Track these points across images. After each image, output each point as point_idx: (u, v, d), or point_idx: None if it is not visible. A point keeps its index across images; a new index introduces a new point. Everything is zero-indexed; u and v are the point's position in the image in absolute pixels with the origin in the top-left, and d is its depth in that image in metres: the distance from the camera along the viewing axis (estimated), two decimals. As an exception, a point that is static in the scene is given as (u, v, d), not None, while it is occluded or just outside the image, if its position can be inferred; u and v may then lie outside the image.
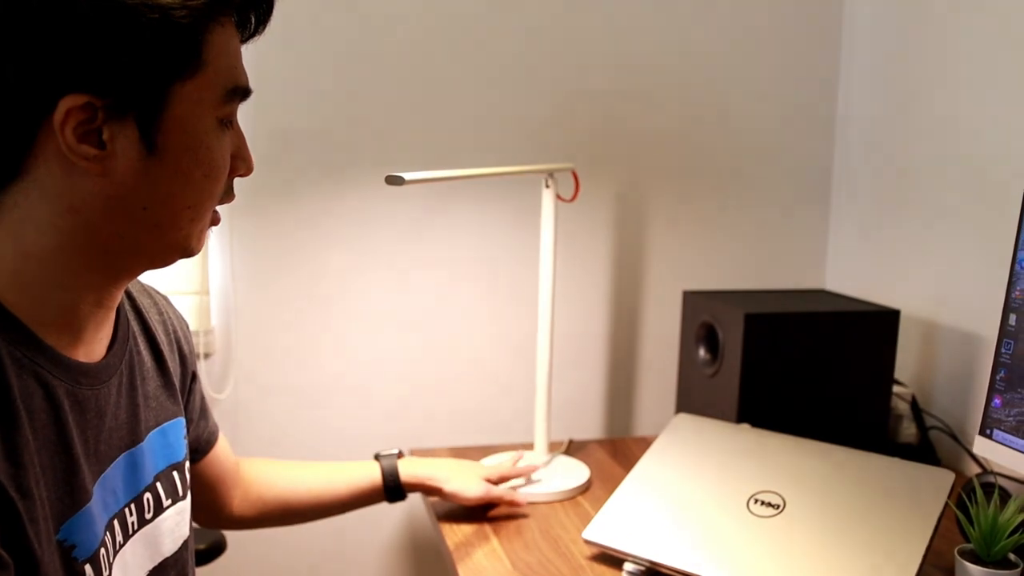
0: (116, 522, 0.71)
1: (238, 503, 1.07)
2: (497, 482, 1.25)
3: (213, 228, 0.73)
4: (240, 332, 1.56)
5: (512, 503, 1.25)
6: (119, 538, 0.72)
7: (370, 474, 1.15)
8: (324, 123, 1.54)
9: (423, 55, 1.56)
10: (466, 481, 1.20)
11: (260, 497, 1.08)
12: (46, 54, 0.59)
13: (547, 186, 1.33)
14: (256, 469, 1.10)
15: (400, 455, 1.19)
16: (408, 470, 1.17)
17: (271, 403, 1.58)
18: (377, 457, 1.18)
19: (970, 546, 0.99)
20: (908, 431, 1.45)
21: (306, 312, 1.58)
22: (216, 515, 1.05)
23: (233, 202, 0.74)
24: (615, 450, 1.54)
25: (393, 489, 1.16)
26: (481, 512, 1.26)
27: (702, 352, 1.43)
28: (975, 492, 1.03)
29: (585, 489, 1.35)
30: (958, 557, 0.98)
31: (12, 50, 0.59)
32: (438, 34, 1.56)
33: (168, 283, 1.43)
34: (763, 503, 1.06)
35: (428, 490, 1.19)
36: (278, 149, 1.52)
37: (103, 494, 0.69)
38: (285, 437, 1.59)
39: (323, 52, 1.52)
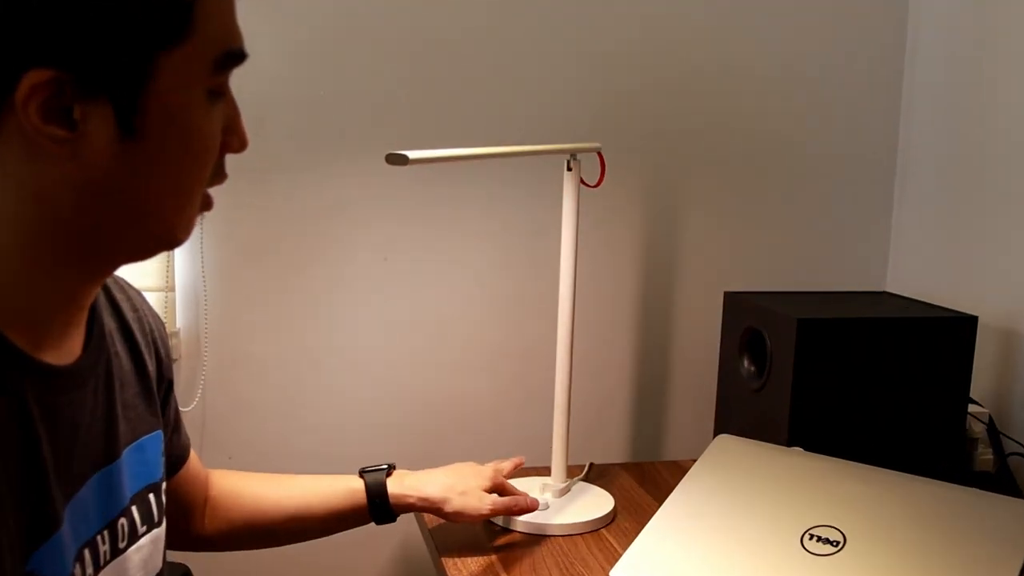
0: (87, 552, 0.72)
1: (207, 522, 1.08)
2: (501, 490, 1.26)
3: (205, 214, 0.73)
4: (210, 335, 1.56)
5: (523, 509, 1.27)
6: (89, 570, 0.72)
7: (351, 491, 1.15)
8: (312, 95, 1.54)
9: (429, 16, 1.56)
10: (467, 499, 1.20)
11: (226, 516, 1.09)
12: (4, 23, 0.58)
13: (569, 169, 1.34)
14: (224, 483, 1.11)
15: (390, 471, 1.19)
16: (398, 488, 1.17)
17: (244, 417, 1.59)
18: (363, 473, 1.18)
19: (1060, 591, 0.99)
20: (984, 457, 1.46)
21: (287, 314, 1.59)
22: (183, 536, 1.06)
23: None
24: (643, 476, 1.55)
25: (380, 508, 1.15)
26: (488, 545, 1.27)
27: (746, 363, 1.44)
28: (1066, 528, 1.03)
29: (609, 521, 1.36)
30: (1046, 603, 0.98)
31: None
32: (443, -9, 1.57)
33: (126, 278, 1.43)
34: (820, 539, 1.07)
35: (424, 511, 1.20)
36: (257, 125, 1.53)
37: (74, 519, 0.69)
38: (259, 457, 1.59)
39: (312, 11, 1.52)
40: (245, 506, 1.10)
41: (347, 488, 1.15)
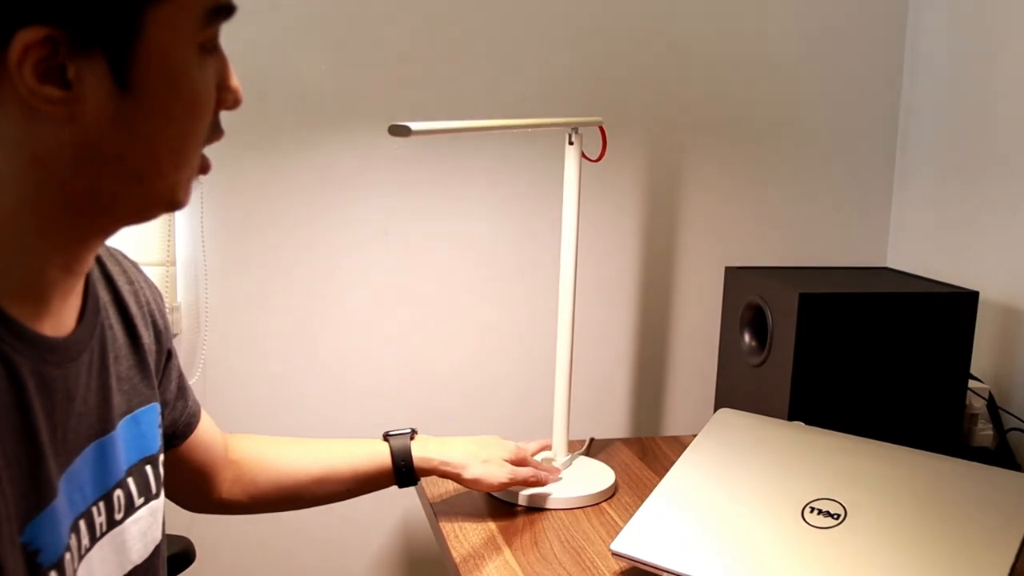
0: (82, 523, 0.72)
1: (228, 486, 1.09)
2: (521, 464, 1.27)
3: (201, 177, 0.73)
4: (210, 310, 1.56)
5: (539, 483, 1.28)
6: (85, 541, 0.72)
7: (377, 455, 1.17)
8: (311, 66, 1.53)
9: (426, -12, 1.55)
10: (488, 467, 1.22)
11: (253, 480, 1.10)
12: None
13: (571, 143, 1.33)
14: (248, 448, 1.12)
15: (413, 435, 1.21)
16: (422, 452, 1.19)
17: (244, 392, 1.59)
18: (387, 437, 1.20)
19: (1061, 564, 0.99)
20: (984, 433, 1.46)
21: (287, 288, 1.58)
22: (205, 500, 1.07)
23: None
24: (643, 451, 1.55)
25: (404, 472, 1.18)
26: (490, 518, 1.27)
27: (747, 338, 1.44)
28: (1067, 502, 1.03)
29: (610, 495, 1.36)
30: (1047, 576, 0.98)
31: None
32: (444, -36, 1.55)
33: (125, 251, 1.43)
34: (820, 512, 1.07)
35: (444, 476, 1.22)
36: (256, 96, 1.51)
37: (69, 490, 0.69)
38: (261, 430, 1.58)
39: (310, -17, 1.51)
40: (272, 469, 1.12)
41: (372, 451, 1.17)
